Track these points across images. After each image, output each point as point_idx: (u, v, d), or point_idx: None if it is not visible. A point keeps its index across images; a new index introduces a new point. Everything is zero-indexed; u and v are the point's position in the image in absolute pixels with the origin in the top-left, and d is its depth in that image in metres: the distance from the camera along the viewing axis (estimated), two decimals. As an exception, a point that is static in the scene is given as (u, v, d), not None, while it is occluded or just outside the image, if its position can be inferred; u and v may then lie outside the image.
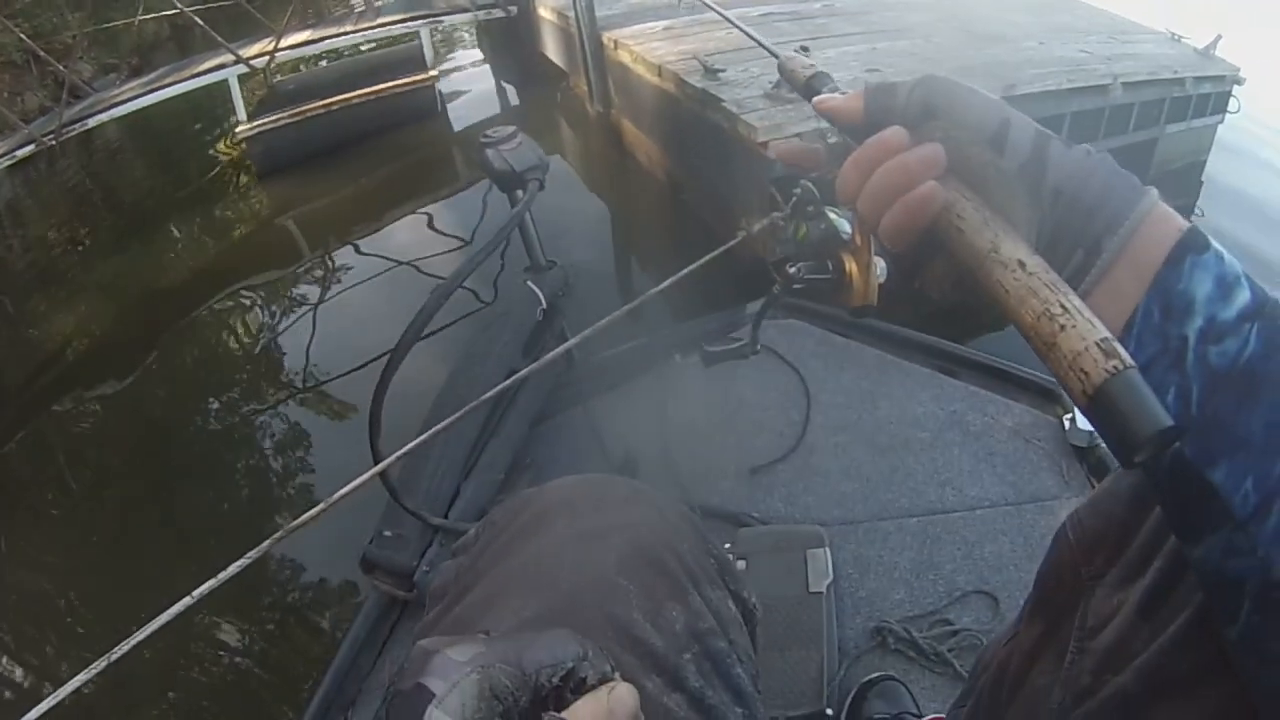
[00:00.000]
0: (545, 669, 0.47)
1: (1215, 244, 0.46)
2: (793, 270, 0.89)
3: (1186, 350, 0.44)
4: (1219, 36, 4.69)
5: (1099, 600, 0.63)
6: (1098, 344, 0.40)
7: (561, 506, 0.82)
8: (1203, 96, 4.66)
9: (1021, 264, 0.45)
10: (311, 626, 2.81)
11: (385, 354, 1.53)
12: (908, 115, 0.53)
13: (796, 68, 0.75)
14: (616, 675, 0.50)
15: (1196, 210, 4.74)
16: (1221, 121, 4.93)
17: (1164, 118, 4.56)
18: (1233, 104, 4.84)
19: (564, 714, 0.46)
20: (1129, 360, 0.40)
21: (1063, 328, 0.42)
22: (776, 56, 0.81)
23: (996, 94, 2.16)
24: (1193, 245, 0.45)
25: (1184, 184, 4.90)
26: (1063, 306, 0.42)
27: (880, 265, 0.62)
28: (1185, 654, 0.51)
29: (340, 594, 2.81)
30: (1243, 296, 0.44)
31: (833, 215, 0.69)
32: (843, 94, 0.63)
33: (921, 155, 0.50)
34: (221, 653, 2.77)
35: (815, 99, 0.63)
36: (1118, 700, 0.55)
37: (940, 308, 0.59)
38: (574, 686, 0.47)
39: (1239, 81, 4.73)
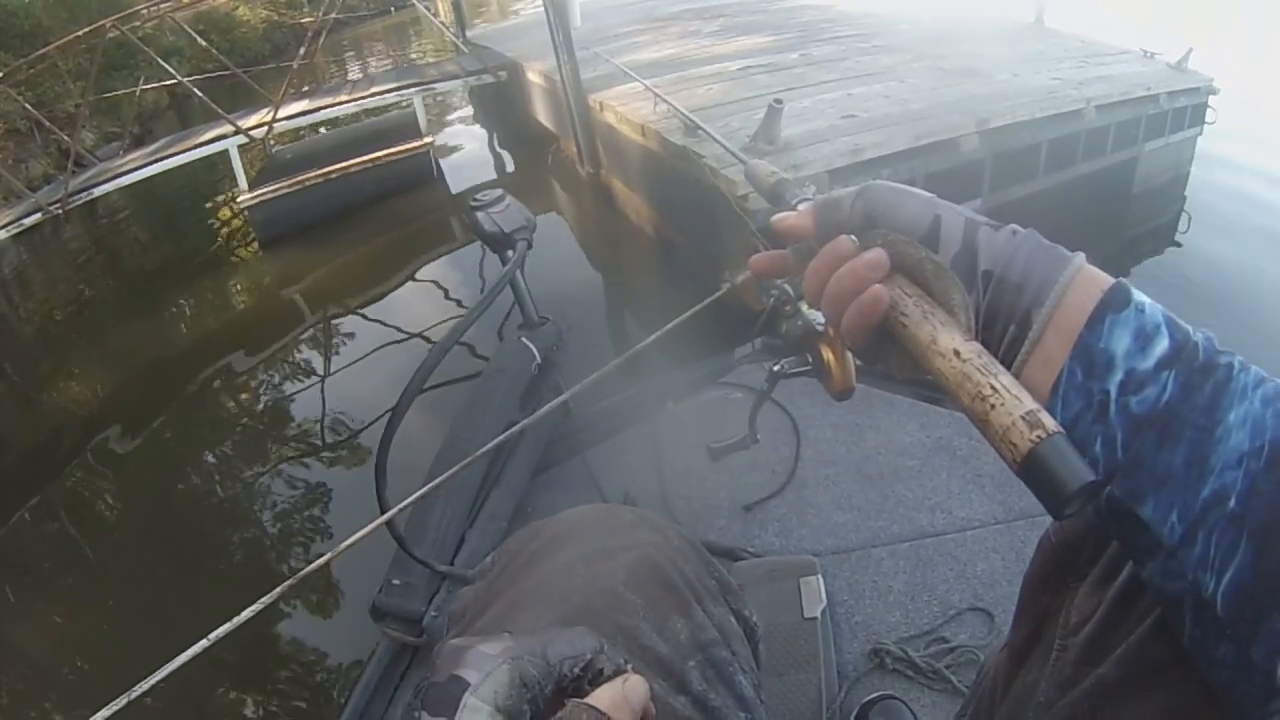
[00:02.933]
0: (567, 660, 0.52)
1: (1138, 297, 0.50)
2: (776, 368, 0.97)
3: (1109, 403, 0.47)
4: (1190, 49, 4.74)
5: (1081, 599, 0.65)
6: (1023, 417, 0.45)
7: (572, 531, 0.87)
8: (1179, 110, 4.70)
9: (956, 353, 0.50)
10: (324, 675, 2.84)
11: (388, 410, 1.59)
12: (852, 225, 0.59)
13: (761, 174, 0.80)
14: (629, 667, 0.54)
15: (1184, 217, 4.83)
16: (1200, 133, 4.96)
17: (1142, 136, 4.61)
18: (1209, 115, 4.87)
19: (586, 700, 0.50)
20: (1053, 427, 0.45)
21: (993, 406, 0.47)
22: (744, 163, 0.86)
23: (971, 128, 2.26)
24: (1112, 304, 0.49)
25: (1169, 198, 4.97)
26: (992, 388, 0.47)
27: None
28: (1162, 643, 0.53)
29: (351, 642, 2.83)
30: (1161, 345, 0.47)
31: (807, 311, 0.76)
32: (796, 210, 0.67)
33: (867, 260, 0.55)
34: (235, 702, 2.80)
35: (773, 219, 0.67)
36: (1098, 690, 0.58)
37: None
38: (591, 677, 0.52)
39: (1214, 92, 4.77)
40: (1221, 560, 0.44)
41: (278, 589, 0.83)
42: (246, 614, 0.81)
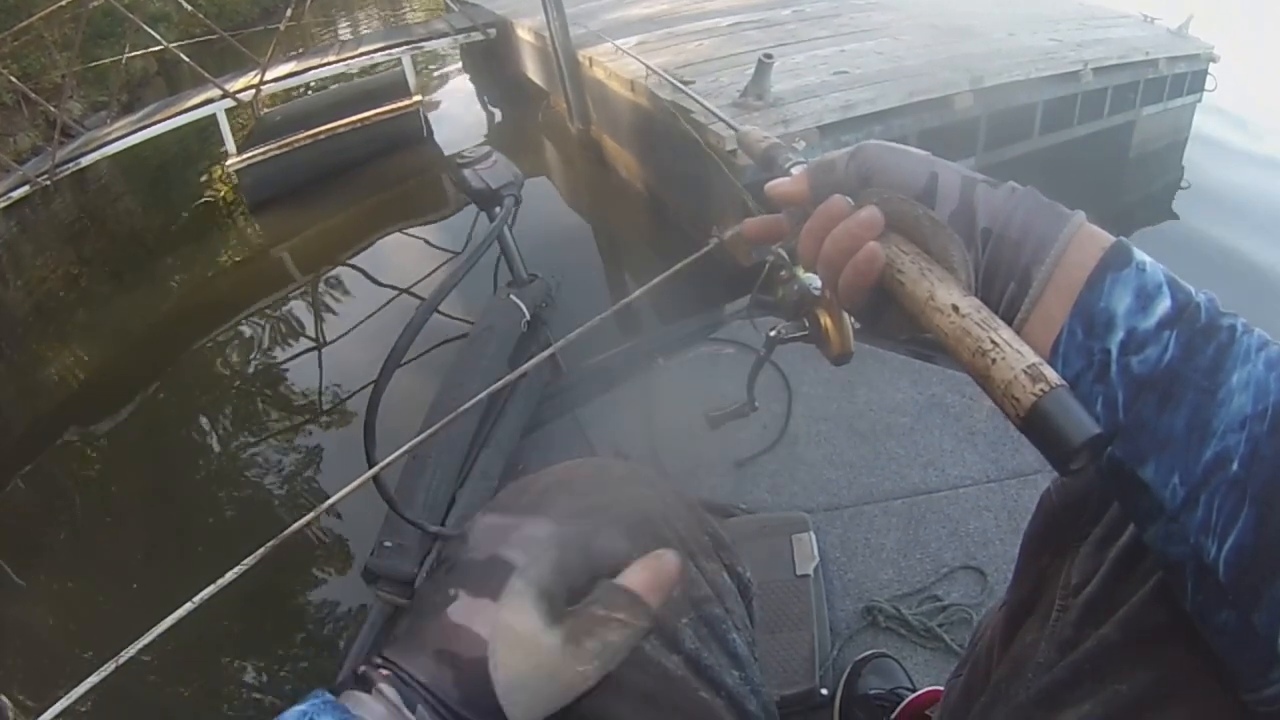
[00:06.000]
0: (606, 554, 0.55)
1: (1139, 256, 0.49)
2: (773, 333, 0.96)
3: (1110, 362, 0.47)
4: (1191, 16, 4.70)
5: (1083, 560, 0.65)
6: (1025, 371, 0.44)
7: (562, 486, 0.84)
8: (1178, 76, 4.66)
9: (955, 308, 0.49)
10: (318, 638, 2.85)
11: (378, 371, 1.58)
12: (847, 185, 0.58)
13: (753, 140, 0.79)
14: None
15: (1183, 184, 4.81)
16: (1199, 100, 4.93)
17: (1140, 100, 4.58)
18: (1209, 82, 4.84)
19: (617, 581, 0.51)
20: (1056, 380, 0.44)
21: (994, 361, 0.46)
22: (735, 130, 0.85)
23: (965, 86, 2.23)
24: (1113, 263, 0.49)
25: (1166, 164, 4.94)
26: (992, 341, 0.46)
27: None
28: (1164, 605, 0.53)
29: (345, 605, 2.84)
30: (1163, 305, 0.47)
31: (803, 276, 0.75)
32: (789, 175, 0.67)
33: (861, 219, 0.55)
34: (232, 664, 2.81)
35: (767, 185, 0.66)
36: (1100, 650, 0.57)
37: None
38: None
39: (1214, 59, 4.73)
40: (1223, 525, 0.44)
41: (261, 549, 0.82)
42: (231, 575, 0.81)
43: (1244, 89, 5.39)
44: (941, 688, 1.39)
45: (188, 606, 0.76)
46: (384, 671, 0.48)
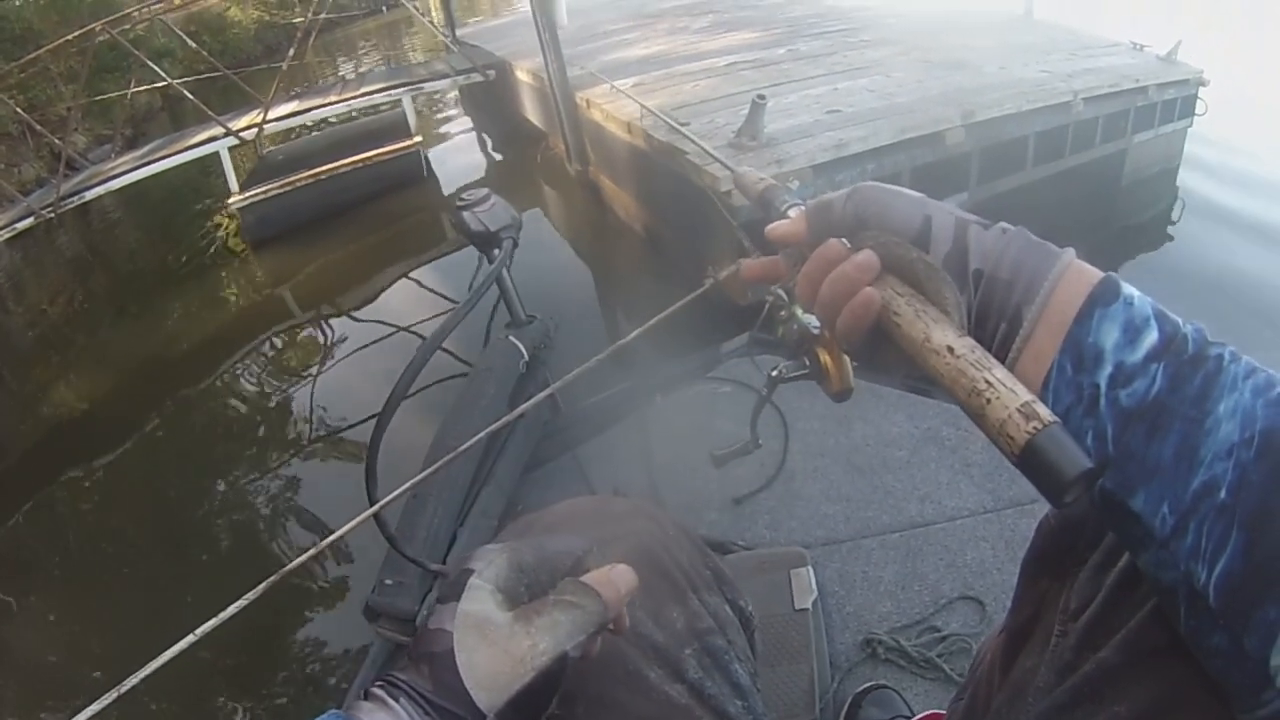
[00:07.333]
0: (561, 553, 0.62)
1: (1127, 290, 0.50)
2: (774, 373, 0.99)
3: (1099, 396, 0.48)
4: (1179, 41, 4.74)
5: (1081, 584, 0.66)
6: (1019, 409, 0.46)
7: (567, 521, 0.89)
8: (1168, 102, 4.70)
9: (950, 349, 0.51)
10: (318, 676, 2.83)
11: (377, 412, 1.59)
12: (844, 225, 0.60)
13: (749, 182, 0.81)
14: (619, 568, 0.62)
15: (1175, 208, 4.83)
16: (1190, 125, 4.97)
17: (1131, 128, 4.61)
18: (1199, 106, 4.88)
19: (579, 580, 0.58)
20: (1049, 417, 0.45)
21: (988, 400, 0.47)
22: (732, 170, 0.87)
23: (956, 121, 2.26)
24: (1101, 299, 0.50)
25: (1159, 190, 4.97)
26: (986, 381, 0.48)
27: None
28: (1161, 628, 0.54)
29: (346, 643, 2.83)
30: (1150, 338, 0.48)
31: (802, 315, 0.77)
32: (787, 217, 0.70)
33: (857, 263, 0.56)
34: (230, 701, 2.79)
35: (767, 229, 0.68)
36: (1099, 673, 0.58)
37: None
38: (582, 574, 0.61)
39: (1203, 84, 4.77)
40: (1213, 551, 0.45)
41: (263, 584, 0.83)
42: (232, 609, 0.81)
43: (1236, 107, 5.46)
44: (942, 712, 1.40)
45: (189, 639, 0.77)
46: (379, 682, 0.55)
